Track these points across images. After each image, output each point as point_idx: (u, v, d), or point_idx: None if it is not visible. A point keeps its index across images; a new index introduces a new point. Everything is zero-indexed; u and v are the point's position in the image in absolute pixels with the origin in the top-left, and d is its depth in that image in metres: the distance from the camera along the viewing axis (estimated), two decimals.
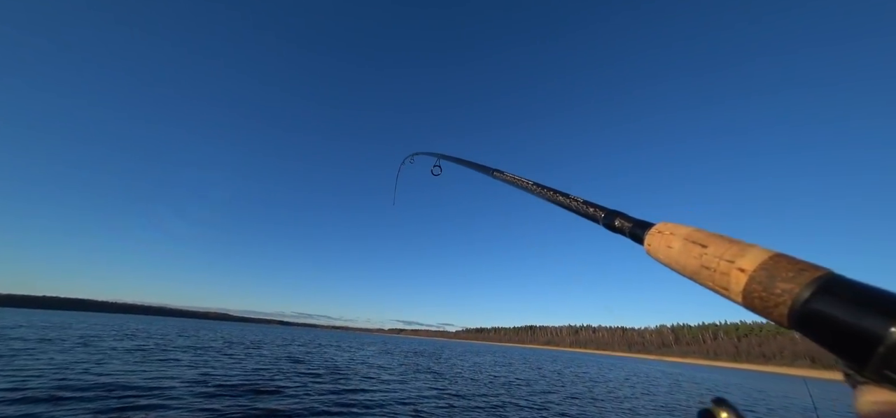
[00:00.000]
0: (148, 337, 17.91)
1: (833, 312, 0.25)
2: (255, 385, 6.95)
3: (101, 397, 5.06)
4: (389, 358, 18.05)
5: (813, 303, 0.25)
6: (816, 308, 0.25)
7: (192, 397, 5.52)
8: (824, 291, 0.25)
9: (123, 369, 7.55)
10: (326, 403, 5.90)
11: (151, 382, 6.38)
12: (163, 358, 9.83)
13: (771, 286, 0.25)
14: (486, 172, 1.00)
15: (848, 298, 0.25)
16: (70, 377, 6.22)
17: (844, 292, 0.25)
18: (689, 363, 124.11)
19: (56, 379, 5.89)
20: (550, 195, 0.59)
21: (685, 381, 20.62)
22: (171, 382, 6.52)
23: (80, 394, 5.08)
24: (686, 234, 0.26)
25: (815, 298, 0.25)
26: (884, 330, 0.25)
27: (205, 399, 5.47)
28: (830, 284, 0.25)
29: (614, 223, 0.35)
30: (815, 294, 0.25)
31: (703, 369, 61.19)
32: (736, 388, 18.69)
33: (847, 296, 0.25)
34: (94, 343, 12.83)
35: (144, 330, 26.87)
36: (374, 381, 8.98)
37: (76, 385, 5.63)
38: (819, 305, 0.25)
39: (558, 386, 11.70)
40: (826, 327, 0.25)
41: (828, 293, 0.25)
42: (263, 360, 11.49)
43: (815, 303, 0.25)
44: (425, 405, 6.53)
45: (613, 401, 9.32)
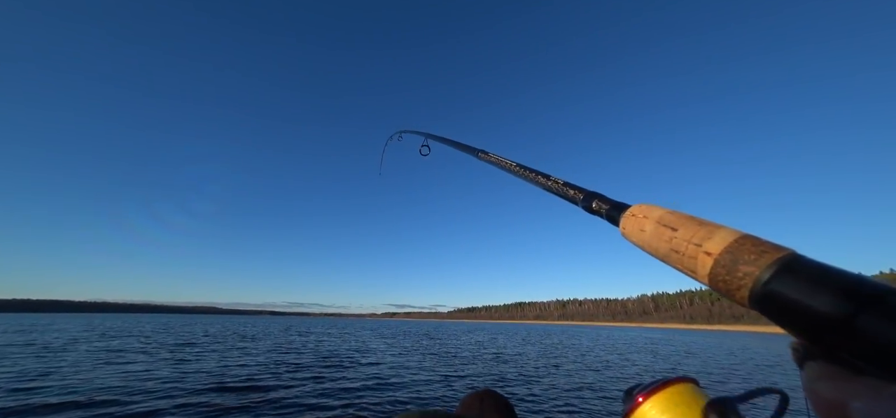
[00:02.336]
0: (144, 336, 17.34)
1: (788, 293, 0.25)
2: (277, 375, 6.83)
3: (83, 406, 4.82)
4: (392, 342, 18.19)
5: (771, 284, 0.25)
6: (774, 289, 0.25)
7: (213, 394, 5.37)
8: (782, 272, 0.26)
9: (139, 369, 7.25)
10: (362, 393, 5.91)
11: (169, 382, 6.15)
12: (181, 357, 9.52)
13: (733, 269, 0.26)
14: (471, 153, 1.01)
15: (805, 279, 0.25)
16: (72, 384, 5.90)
17: (802, 273, 0.25)
18: (667, 328, 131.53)
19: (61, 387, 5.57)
20: (532, 176, 0.58)
21: (663, 346, 21.78)
22: (194, 379, 6.31)
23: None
24: (658, 217, 0.26)
25: (774, 280, 0.25)
26: (835, 310, 0.25)
27: (233, 394, 5.33)
28: (789, 265, 0.26)
29: (592, 205, 0.34)
30: (774, 276, 0.26)
31: (680, 332, 65.14)
32: (701, 350, 19.89)
33: (804, 276, 0.25)
34: (114, 342, 12.28)
35: (131, 328, 26.02)
36: (410, 371, 8.58)
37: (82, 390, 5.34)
38: (776, 286, 0.25)
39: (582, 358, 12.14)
40: (781, 307, 0.25)
41: (786, 274, 0.25)
42: (271, 351, 11.34)
43: (773, 284, 0.25)
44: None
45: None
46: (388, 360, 10.51)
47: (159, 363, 8.73)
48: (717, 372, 10.42)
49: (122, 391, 5.61)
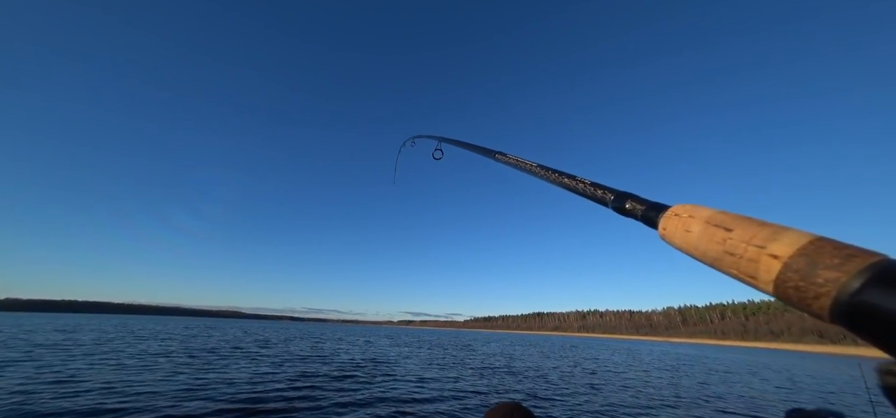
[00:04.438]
0: (188, 338, 18.17)
1: (886, 305, 0.22)
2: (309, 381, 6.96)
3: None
4: (411, 349, 18.14)
5: (863, 294, 0.22)
6: (866, 299, 0.22)
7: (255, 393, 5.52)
8: (878, 280, 0.22)
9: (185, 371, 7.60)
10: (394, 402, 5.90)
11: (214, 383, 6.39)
12: (213, 361, 9.92)
13: (811, 274, 0.22)
14: (487, 155, 0.95)
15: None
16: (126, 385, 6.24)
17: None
18: (697, 343, 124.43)
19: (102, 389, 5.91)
20: (555, 177, 0.55)
21: (711, 363, 20.55)
22: (232, 381, 6.53)
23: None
24: (708, 217, 0.23)
25: (867, 289, 0.22)
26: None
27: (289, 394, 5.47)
28: (887, 272, 0.22)
29: (625, 205, 0.32)
30: (867, 284, 0.22)
31: (711, 348, 61.33)
32: (764, 368, 18.38)
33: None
34: (145, 343, 13.00)
35: (171, 330, 27.31)
36: (438, 383, 8.31)
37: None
38: (870, 297, 0.22)
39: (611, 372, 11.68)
40: (879, 322, 0.22)
41: (882, 282, 0.22)
42: (295, 357, 11.59)
43: (865, 293, 0.22)
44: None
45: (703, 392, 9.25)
46: (411, 370, 10.46)
47: (197, 366, 9.09)
48: (849, 402, 8.47)
49: (168, 395, 5.86)
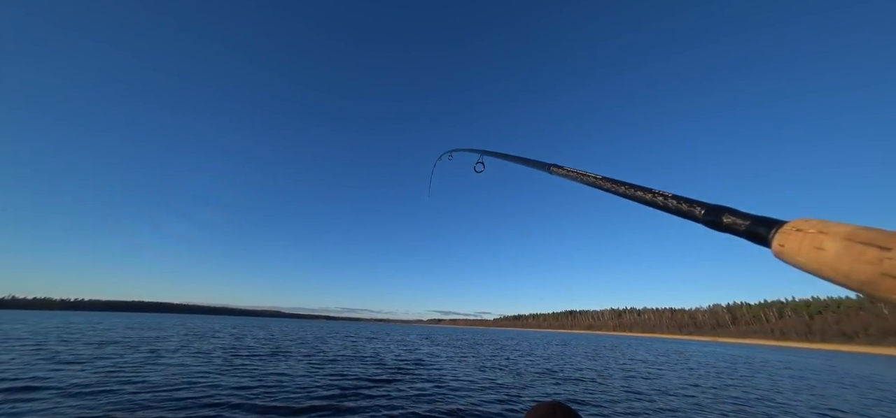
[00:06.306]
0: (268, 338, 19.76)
1: None
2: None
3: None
4: (443, 347, 18.39)
5: None
6: None
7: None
8: None
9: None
10: None
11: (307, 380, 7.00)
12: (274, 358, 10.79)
13: None
14: (541, 168, 0.90)
15: None
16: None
17: None
18: (749, 343, 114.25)
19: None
20: (628, 191, 0.51)
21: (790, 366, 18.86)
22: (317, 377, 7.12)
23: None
24: (848, 233, 0.20)
25: None
26: None
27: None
28: None
29: (722, 220, 0.29)
30: None
31: (771, 350, 55.07)
32: (848, 375, 15.55)
33: None
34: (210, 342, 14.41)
35: (239, 330, 29.70)
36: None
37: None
38: None
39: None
40: None
41: None
42: (354, 359, 12.25)
43: None
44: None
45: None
46: (446, 367, 10.62)
47: (256, 363, 9.84)
48: None
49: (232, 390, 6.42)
